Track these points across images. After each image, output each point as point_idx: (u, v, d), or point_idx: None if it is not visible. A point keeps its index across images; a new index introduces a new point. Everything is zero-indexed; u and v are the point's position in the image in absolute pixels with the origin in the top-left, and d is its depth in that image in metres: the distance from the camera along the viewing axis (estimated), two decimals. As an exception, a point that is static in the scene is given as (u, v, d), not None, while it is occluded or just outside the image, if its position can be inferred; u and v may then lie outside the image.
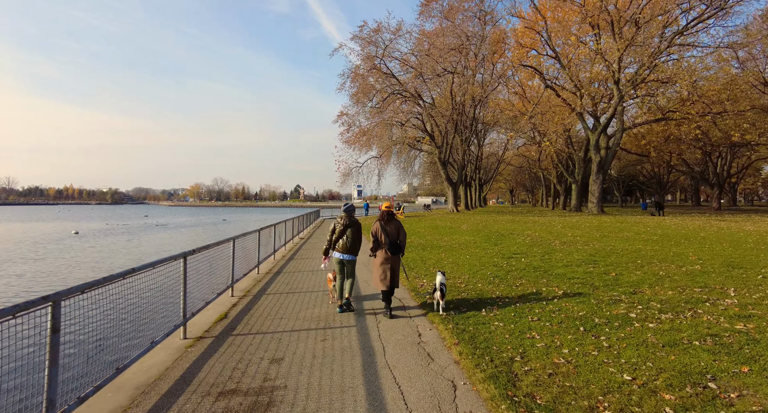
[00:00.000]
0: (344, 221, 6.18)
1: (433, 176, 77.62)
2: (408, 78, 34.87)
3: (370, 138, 35.18)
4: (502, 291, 6.82)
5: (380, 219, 6.06)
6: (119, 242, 26.39)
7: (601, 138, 31.87)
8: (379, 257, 5.92)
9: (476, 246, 12.48)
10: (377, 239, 5.98)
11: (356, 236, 6.16)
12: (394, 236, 5.96)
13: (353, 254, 6.14)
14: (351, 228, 6.15)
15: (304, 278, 8.73)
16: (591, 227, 18.17)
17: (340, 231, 6.13)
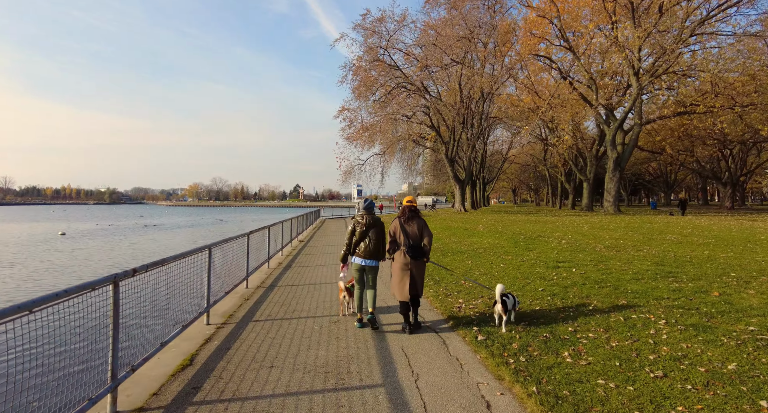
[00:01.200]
0: (365, 220, 5.15)
1: (435, 175, 75.83)
2: (413, 70, 33.10)
3: (373, 134, 33.41)
4: (570, 316, 5.04)
5: (400, 216, 5.11)
6: (102, 245, 24.56)
7: (618, 133, 30.12)
8: (398, 260, 4.97)
9: (505, 252, 10.67)
10: (395, 240, 5.05)
11: (380, 237, 5.16)
12: (417, 237, 4.96)
13: (377, 259, 5.14)
14: (374, 229, 5.13)
15: (306, 294, 6.93)
16: (623, 229, 16.37)
17: (361, 233, 5.12)
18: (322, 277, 8.45)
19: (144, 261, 4.14)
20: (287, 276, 8.61)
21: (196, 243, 23.34)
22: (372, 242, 5.09)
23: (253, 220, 59.03)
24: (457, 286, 7.04)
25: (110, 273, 3.25)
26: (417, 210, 5.20)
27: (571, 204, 48.75)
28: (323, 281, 8.02)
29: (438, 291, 6.69)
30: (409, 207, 5.12)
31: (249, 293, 7.04)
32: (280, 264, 10.32)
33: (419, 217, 5.13)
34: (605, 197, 31.88)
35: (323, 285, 7.58)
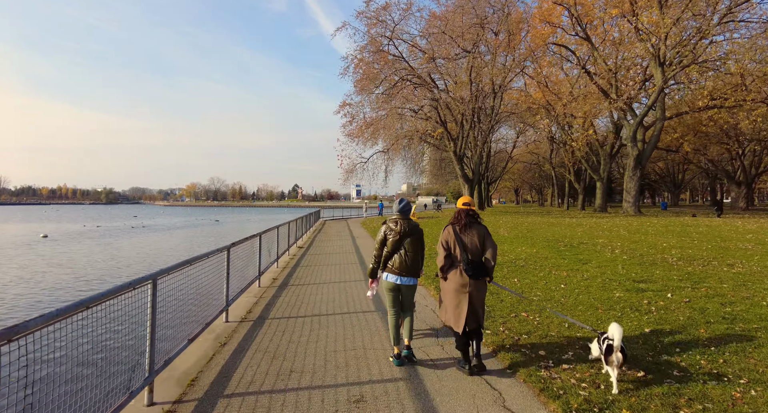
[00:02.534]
0: (399, 227, 4.13)
1: (434, 174, 73.89)
2: (418, 63, 31.06)
3: (377, 130, 31.33)
4: (717, 376, 2.99)
5: (454, 222, 4.01)
6: (76, 250, 22.46)
7: (638, 129, 28.17)
8: (452, 280, 3.88)
9: (553, 264, 8.66)
10: (450, 253, 3.92)
11: (418, 249, 4.17)
12: (477, 251, 3.87)
13: (415, 276, 4.16)
14: (410, 238, 4.13)
15: (309, 332, 4.87)
16: (667, 233, 14.36)
17: (395, 242, 4.09)
18: (330, 300, 6.40)
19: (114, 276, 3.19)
20: (281, 303, 6.54)
21: (179, 251, 21.26)
22: (408, 255, 4.05)
23: (249, 220, 56.94)
24: (519, 319, 5.01)
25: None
26: (477, 215, 4.03)
27: (581, 205, 46.87)
28: (333, 309, 5.95)
29: (492, 326, 4.67)
30: (466, 211, 3.97)
31: (227, 334, 4.96)
32: (274, 282, 8.27)
33: (480, 223, 4.01)
34: (624, 197, 29.94)
35: (333, 317, 5.53)
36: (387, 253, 4.06)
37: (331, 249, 13.56)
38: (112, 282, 12.89)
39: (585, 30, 28.04)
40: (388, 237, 4.09)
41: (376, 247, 4.16)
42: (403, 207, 4.19)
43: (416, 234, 4.15)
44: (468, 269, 3.75)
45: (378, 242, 4.14)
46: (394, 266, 4.02)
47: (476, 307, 3.83)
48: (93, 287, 12.41)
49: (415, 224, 4.18)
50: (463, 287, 3.80)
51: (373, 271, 4.27)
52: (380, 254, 4.12)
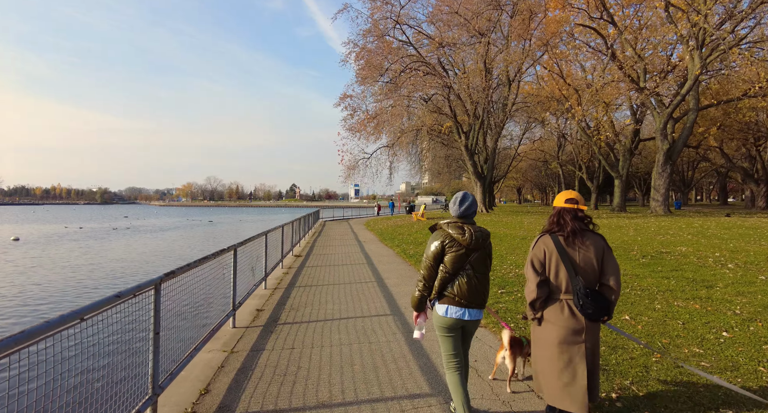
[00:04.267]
0: (469, 236, 2.65)
1: (439, 172, 71.34)
2: (426, 51, 28.50)
3: (380, 123, 28.74)
4: None
5: (553, 229, 2.58)
6: (43, 256, 19.78)
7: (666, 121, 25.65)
8: (555, 324, 2.47)
9: (653, 285, 6.06)
10: (546, 279, 2.51)
11: (488, 266, 2.79)
12: (593, 275, 2.47)
13: (483, 307, 2.75)
14: (478, 253, 2.70)
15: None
16: (740, 237, 11.76)
17: (458, 258, 2.65)
18: (346, 360, 3.77)
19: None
20: (265, 364, 3.91)
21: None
22: (477, 276, 2.68)
23: (244, 221, 54.22)
24: (646, 385, 2.43)
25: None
26: (590, 219, 2.59)
27: (594, 204, 44.48)
28: (355, 386, 3.33)
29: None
30: (573, 213, 2.53)
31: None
32: (258, 314, 5.63)
33: (593, 232, 2.55)
34: (652, 195, 27.40)
35: (361, 406, 2.92)
36: (446, 275, 2.69)
37: (336, 259, 10.93)
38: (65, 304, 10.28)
39: (609, 11, 25.48)
40: (449, 251, 2.69)
41: (427, 266, 2.75)
42: (470, 206, 2.77)
43: (487, 247, 2.82)
44: (587, 305, 2.38)
45: (430, 258, 2.73)
46: (457, 293, 2.69)
47: (594, 368, 2.46)
48: (37, 310, 9.77)
49: (486, 232, 2.78)
50: (575, 334, 2.44)
51: (422, 301, 2.82)
52: (433, 275, 2.74)
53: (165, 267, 15.12)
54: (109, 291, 12.13)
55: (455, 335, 2.74)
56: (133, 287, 2.50)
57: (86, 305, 2.06)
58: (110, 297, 2.19)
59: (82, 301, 10.63)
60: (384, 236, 16.62)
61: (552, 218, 2.61)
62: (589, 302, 2.35)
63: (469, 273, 2.66)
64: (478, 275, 2.69)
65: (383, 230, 19.55)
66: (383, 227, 21.50)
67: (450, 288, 2.66)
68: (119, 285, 12.43)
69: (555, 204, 2.63)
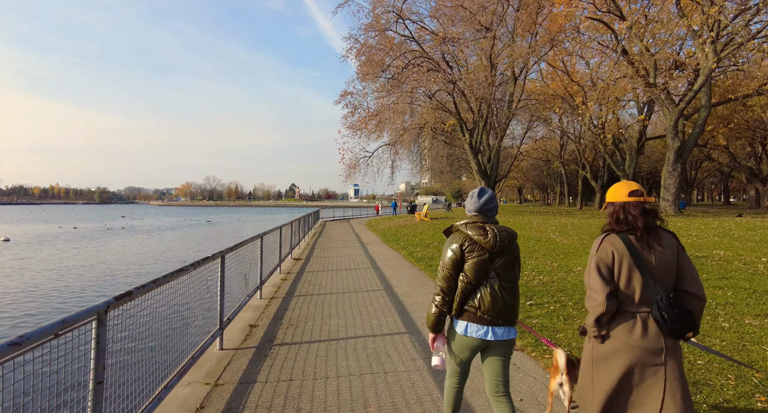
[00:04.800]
0: (492, 237, 2.17)
1: (441, 171, 70.59)
2: (429, 46, 27.73)
3: (382, 121, 27.95)
4: None
5: (622, 228, 2.02)
6: (31, 257, 18.99)
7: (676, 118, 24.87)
8: (622, 341, 1.91)
9: (748, 302, 5.29)
10: (616, 289, 1.95)
11: (516, 277, 2.27)
12: (671, 282, 1.95)
13: (513, 324, 2.21)
14: (504, 258, 2.21)
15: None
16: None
17: (481, 265, 2.16)
18: (357, 396, 2.98)
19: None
20: (256, 404, 3.12)
21: (146, 265, 17.72)
22: (505, 286, 2.17)
23: (243, 221, 53.43)
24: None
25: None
26: (658, 214, 2.06)
27: (598, 204, 43.77)
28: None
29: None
30: (641, 207, 2.01)
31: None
32: (251, 331, 4.83)
33: (665, 229, 2.05)
34: (662, 194, 26.58)
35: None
36: (467, 286, 2.13)
37: (338, 263, 10.13)
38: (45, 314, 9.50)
39: (618, 6, 24.68)
40: (469, 257, 2.13)
41: (445, 276, 2.17)
42: (489, 200, 2.26)
43: (515, 250, 2.24)
44: (673, 318, 1.81)
45: (448, 266, 2.17)
46: (479, 307, 2.11)
47: (678, 397, 1.79)
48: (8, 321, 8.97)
49: (512, 233, 2.22)
50: (652, 356, 1.85)
51: (440, 320, 2.21)
52: (453, 286, 2.16)
53: (153, 271, 14.32)
54: (95, 295, 11.39)
55: (470, 357, 2.25)
56: (56, 323, 1.70)
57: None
58: (3, 346, 1.40)
59: (67, 307, 9.85)
60: (388, 238, 15.82)
61: (615, 215, 2.08)
62: (675, 314, 1.83)
63: (494, 283, 2.16)
64: (506, 284, 2.18)
65: (386, 231, 18.76)
66: (385, 228, 20.71)
67: (472, 301, 2.16)
68: (107, 290, 11.64)
69: (613, 199, 2.11)
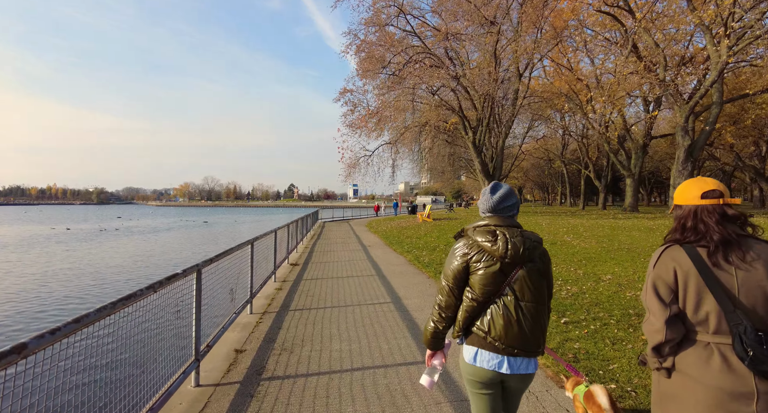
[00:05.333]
0: (504, 244, 1.73)
1: (442, 171, 69.85)
2: (431, 42, 26.94)
3: (383, 119, 27.16)
4: None
5: (688, 238, 1.54)
6: (14, 261, 18.16)
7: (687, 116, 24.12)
8: (696, 379, 1.43)
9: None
10: (679, 312, 1.50)
11: (543, 291, 1.78)
12: (763, 308, 1.38)
13: (535, 354, 1.74)
14: (522, 270, 1.75)
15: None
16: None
17: (492, 278, 1.73)
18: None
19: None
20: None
21: (134, 271, 16.84)
22: (525, 306, 1.74)
23: (241, 222, 52.59)
24: None
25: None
26: (744, 219, 1.53)
27: (602, 204, 43.05)
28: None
29: None
30: (721, 211, 1.52)
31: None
32: (237, 359, 4.02)
33: (758, 239, 1.49)
34: (671, 194, 25.86)
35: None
36: (473, 303, 1.77)
37: (339, 269, 9.32)
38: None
39: (626, 0, 23.91)
40: (475, 267, 1.76)
41: (445, 289, 1.83)
42: (505, 197, 1.85)
43: (540, 260, 1.80)
44: (761, 357, 1.35)
45: (450, 277, 1.82)
46: (490, 333, 1.73)
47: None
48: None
49: (534, 238, 1.80)
50: (736, 401, 1.40)
51: (437, 337, 1.89)
52: (453, 302, 1.81)
53: (138, 277, 13.48)
54: (77, 303, 10.45)
55: (492, 393, 1.81)
56: None
57: None
58: None
59: (44, 317, 9.05)
60: (390, 240, 15.02)
61: (682, 221, 1.63)
62: (764, 351, 1.35)
63: (508, 301, 1.73)
64: (525, 303, 1.74)
65: (388, 233, 17.96)
66: (387, 229, 19.91)
67: (480, 323, 1.77)
68: (91, 300, 10.82)
69: (682, 201, 1.66)
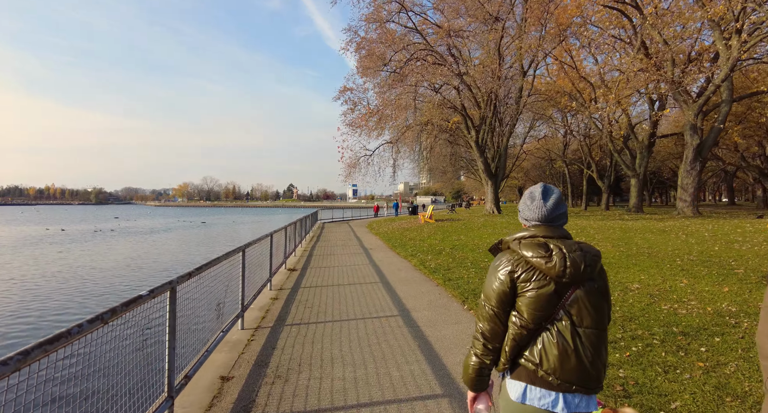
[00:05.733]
0: (560, 259, 1.42)
1: (443, 171, 69.29)
2: (434, 39, 26.38)
3: (384, 118, 26.60)
4: None
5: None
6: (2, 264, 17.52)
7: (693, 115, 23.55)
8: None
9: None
10: None
11: (604, 313, 1.47)
12: None
13: (596, 389, 1.41)
14: (581, 290, 1.44)
15: None
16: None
17: (539, 301, 1.42)
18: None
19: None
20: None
21: (122, 275, 16.17)
22: (584, 332, 1.42)
23: (239, 223, 51.94)
24: None
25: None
26: None
27: (606, 204, 42.48)
28: None
29: None
30: None
31: None
32: (222, 389, 3.40)
33: None
34: (680, 195, 25.26)
35: None
36: (521, 330, 1.47)
37: (340, 275, 8.70)
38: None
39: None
40: (526, 288, 1.46)
41: (488, 315, 1.52)
42: (558, 204, 1.56)
43: (600, 277, 1.51)
44: None
45: (494, 300, 1.51)
46: (542, 365, 1.44)
47: None
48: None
49: (593, 252, 1.50)
50: None
51: (482, 375, 1.55)
52: (499, 329, 1.52)
53: (119, 286, 12.83)
54: (53, 319, 9.64)
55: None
56: None
57: None
58: None
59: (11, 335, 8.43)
60: (393, 242, 14.41)
61: None
62: None
63: (563, 327, 1.42)
64: (584, 330, 1.41)
65: (390, 234, 17.34)
66: (388, 231, 19.30)
67: (529, 354, 1.45)
68: (73, 310, 10.19)
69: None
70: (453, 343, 4.36)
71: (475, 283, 7.04)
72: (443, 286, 7.19)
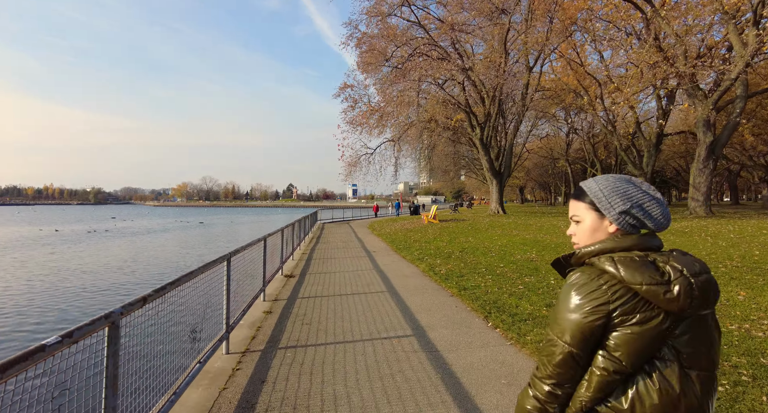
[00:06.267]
0: (680, 289, 1.00)
1: (444, 171, 68.62)
2: (437, 34, 25.58)
3: (385, 116, 25.82)
4: None
5: None
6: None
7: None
8: None
9: None
10: None
11: (717, 354, 1.06)
12: None
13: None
14: (694, 322, 1.04)
15: None
16: None
17: (642, 339, 1.02)
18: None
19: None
20: None
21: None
22: (698, 377, 1.02)
23: (238, 223, 51.13)
24: None
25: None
26: None
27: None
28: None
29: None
30: None
31: None
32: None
33: None
34: (691, 194, 24.44)
35: None
36: (615, 376, 1.04)
37: (342, 283, 7.88)
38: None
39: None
40: (627, 322, 1.03)
41: (560, 359, 1.08)
42: (666, 209, 1.17)
43: (711, 305, 1.06)
44: None
45: (577, 336, 1.06)
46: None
47: None
48: None
49: (708, 270, 1.07)
50: None
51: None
52: (572, 376, 1.09)
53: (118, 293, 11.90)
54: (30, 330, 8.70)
55: None
56: None
57: None
58: None
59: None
60: (397, 244, 13.59)
61: None
62: None
63: (666, 369, 1.05)
64: (695, 372, 1.05)
65: (392, 236, 16.53)
66: (391, 232, 18.48)
67: (614, 401, 1.06)
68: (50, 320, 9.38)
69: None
70: (484, 376, 3.54)
71: (495, 293, 6.23)
72: (458, 296, 6.37)
